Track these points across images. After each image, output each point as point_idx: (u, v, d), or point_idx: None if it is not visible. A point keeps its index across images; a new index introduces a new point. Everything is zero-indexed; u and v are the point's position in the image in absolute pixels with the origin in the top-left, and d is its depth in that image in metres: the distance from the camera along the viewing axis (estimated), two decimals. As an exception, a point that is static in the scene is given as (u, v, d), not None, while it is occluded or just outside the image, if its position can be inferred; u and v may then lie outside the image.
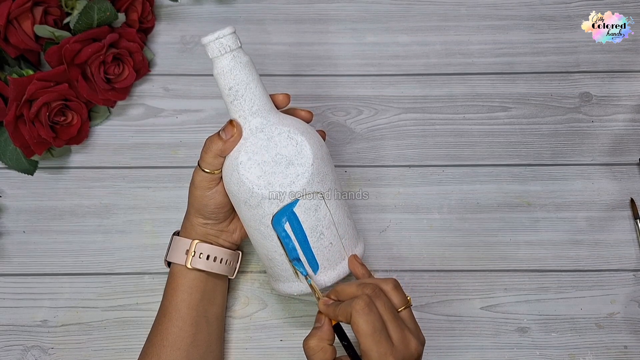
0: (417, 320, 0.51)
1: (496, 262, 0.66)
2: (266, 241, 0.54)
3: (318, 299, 0.52)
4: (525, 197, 0.68)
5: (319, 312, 0.52)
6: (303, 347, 0.50)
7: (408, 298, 0.51)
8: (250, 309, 0.64)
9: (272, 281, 0.58)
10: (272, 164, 0.52)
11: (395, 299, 0.50)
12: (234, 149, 0.53)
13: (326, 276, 0.54)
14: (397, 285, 0.51)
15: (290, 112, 0.57)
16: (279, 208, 0.52)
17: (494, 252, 0.66)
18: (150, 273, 0.65)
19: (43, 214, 0.68)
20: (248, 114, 0.53)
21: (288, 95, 0.56)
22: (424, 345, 0.50)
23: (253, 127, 0.53)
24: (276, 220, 0.53)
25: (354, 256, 0.56)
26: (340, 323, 0.51)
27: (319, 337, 0.50)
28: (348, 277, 0.55)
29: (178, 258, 0.57)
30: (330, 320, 0.51)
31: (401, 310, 0.50)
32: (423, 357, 0.51)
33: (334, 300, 0.52)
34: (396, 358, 0.46)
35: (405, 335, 0.48)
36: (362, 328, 0.46)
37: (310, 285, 0.53)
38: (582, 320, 0.64)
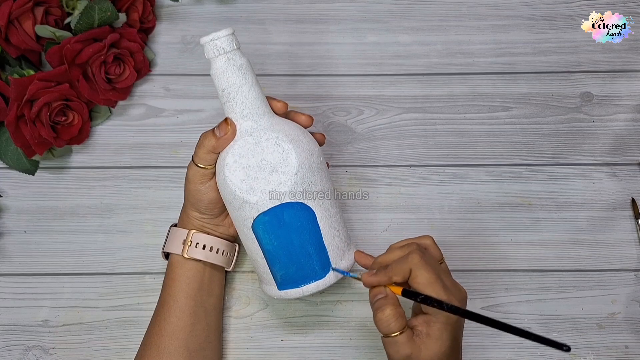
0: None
1: (497, 262, 0.66)
2: (249, 242, 0.55)
3: (358, 279, 0.51)
4: (526, 197, 0.68)
5: (372, 288, 0.49)
6: (377, 321, 0.48)
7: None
8: (251, 308, 0.64)
9: (258, 280, 0.59)
10: (257, 169, 0.52)
11: (434, 252, 0.51)
12: (224, 149, 0.54)
13: (305, 286, 0.54)
14: (434, 241, 0.52)
15: (291, 116, 0.57)
16: (259, 213, 0.52)
17: (495, 252, 0.66)
18: (152, 273, 0.65)
19: (44, 214, 0.68)
20: (239, 117, 0.53)
21: (286, 105, 0.56)
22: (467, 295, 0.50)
23: (243, 130, 0.53)
24: (256, 225, 0.53)
25: (359, 251, 0.54)
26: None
27: (392, 304, 0.48)
28: (328, 290, 0.55)
29: (175, 248, 0.58)
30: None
31: (441, 263, 0.52)
32: None
33: (376, 269, 0.50)
34: (457, 300, 0.47)
35: (453, 281, 0.50)
36: (425, 278, 0.47)
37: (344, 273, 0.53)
38: (583, 320, 0.64)
